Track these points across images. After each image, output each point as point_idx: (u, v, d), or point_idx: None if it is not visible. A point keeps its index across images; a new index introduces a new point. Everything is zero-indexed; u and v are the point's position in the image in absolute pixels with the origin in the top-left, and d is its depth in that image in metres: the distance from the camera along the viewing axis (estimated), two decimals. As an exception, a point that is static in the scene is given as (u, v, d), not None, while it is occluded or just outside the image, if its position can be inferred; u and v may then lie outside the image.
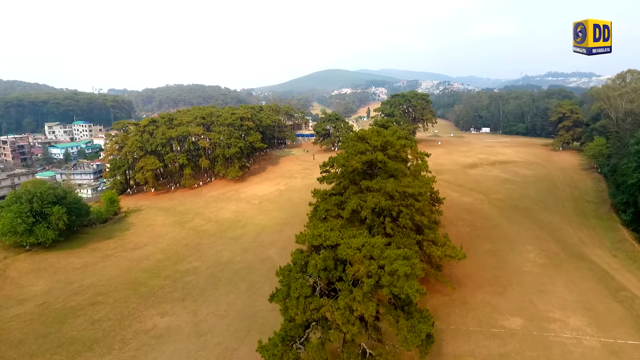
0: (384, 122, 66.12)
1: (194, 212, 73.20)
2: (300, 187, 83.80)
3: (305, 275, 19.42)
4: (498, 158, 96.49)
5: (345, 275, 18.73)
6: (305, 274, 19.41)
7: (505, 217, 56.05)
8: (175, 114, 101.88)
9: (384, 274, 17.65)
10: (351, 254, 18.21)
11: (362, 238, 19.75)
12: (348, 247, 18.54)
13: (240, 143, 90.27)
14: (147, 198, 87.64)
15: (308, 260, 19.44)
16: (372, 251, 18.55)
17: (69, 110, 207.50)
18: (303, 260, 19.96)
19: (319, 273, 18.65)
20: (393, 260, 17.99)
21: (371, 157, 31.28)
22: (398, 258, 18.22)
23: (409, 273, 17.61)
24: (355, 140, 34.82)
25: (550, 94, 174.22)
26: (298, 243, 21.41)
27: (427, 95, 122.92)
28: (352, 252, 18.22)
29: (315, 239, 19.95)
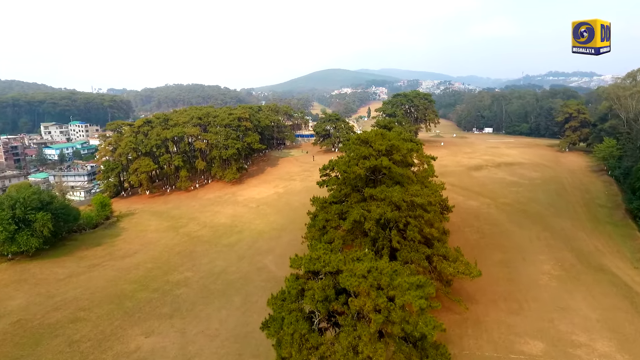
0: (386, 123, 63.23)
1: (189, 216, 70.43)
2: (300, 190, 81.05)
3: (302, 303, 16.68)
4: (503, 159, 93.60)
5: (349, 308, 15.99)
6: (302, 302, 16.67)
7: (515, 223, 53.19)
8: (171, 114, 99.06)
9: (395, 307, 14.94)
10: (355, 284, 15.47)
11: (368, 262, 16.99)
12: (352, 275, 15.79)
13: (238, 144, 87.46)
14: (142, 201, 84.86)
15: (304, 287, 16.68)
16: (380, 279, 15.82)
17: (65, 110, 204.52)
18: (299, 288, 17.18)
19: (318, 305, 15.93)
20: (405, 291, 15.26)
21: (375, 162, 28.51)
22: (411, 287, 15.49)
23: (425, 307, 14.87)
24: (358, 144, 32.03)
25: (554, 94, 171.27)
26: (293, 268, 18.58)
27: (430, 95, 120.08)
28: (357, 281, 15.48)
29: (312, 263, 17.19)
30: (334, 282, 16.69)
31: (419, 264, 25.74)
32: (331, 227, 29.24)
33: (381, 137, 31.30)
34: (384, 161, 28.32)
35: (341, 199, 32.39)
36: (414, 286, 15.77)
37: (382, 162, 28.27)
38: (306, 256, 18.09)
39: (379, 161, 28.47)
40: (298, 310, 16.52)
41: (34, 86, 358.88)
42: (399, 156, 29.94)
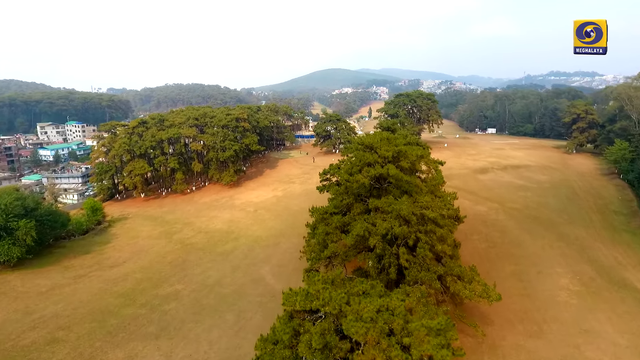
0: (389, 125, 60.38)
1: (184, 221, 67.67)
2: (299, 194, 78.30)
3: (296, 350, 13.91)
4: (509, 162, 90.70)
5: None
6: (296, 349, 13.91)
7: (526, 231, 50.33)
8: (167, 115, 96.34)
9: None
10: (362, 331, 12.73)
11: (376, 299, 14.23)
12: (357, 319, 13.05)
13: (235, 146, 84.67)
14: (136, 205, 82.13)
15: (299, 331, 13.93)
16: (392, 321, 13.11)
17: (62, 110, 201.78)
18: (292, 333, 14.38)
19: (315, 354, 13.18)
20: (423, 337, 12.53)
21: (381, 171, 25.72)
22: (430, 333, 12.77)
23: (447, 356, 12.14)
24: (362, 149, 29.21)
25: (558, 94, 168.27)
26: (286, 306, 15.72)
27: (433, 95, 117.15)
28: (364, 328, 12.73)
29: (309, 300, 14.39)
30: (336, 324, 13.97)
31: (430, 284, 22.94)
32: (332, 241, 26.43)
33: (387, 142, 28.51)
34: (390, 169, 25.52)
35: (343, 210, 29.56)
36: (434, 331, 13.01)
37: (389, 170, 25.47)
38: (302, 291, 15.28)
39: (385, 169, 25.69)
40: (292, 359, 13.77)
41: (33, 85, 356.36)
42: (406, 163, 27.13)
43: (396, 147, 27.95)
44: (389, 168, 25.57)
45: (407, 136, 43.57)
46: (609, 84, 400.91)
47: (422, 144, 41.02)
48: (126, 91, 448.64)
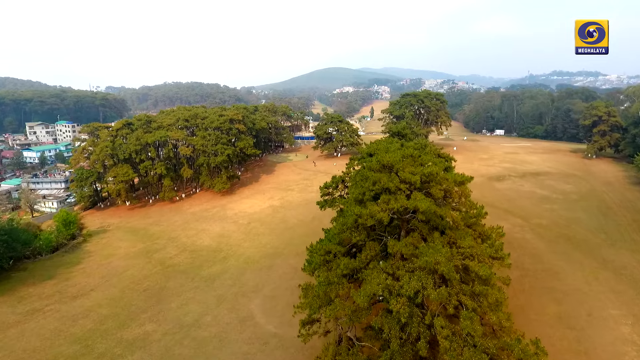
0: (399, 129, 53.08)
1: (169, 235, 60.57)
2: (298, 203, 71.18)
3: None
4: (526, 168, 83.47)
5: None
6: None
7: (560, 255, 43.12)
8: (155, 116, 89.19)
9: None
10: None
11: None
12: None
13: (229, 150, 77.46)
14: (119, 214, 75.04)
15: None
16: None
17: (54, 109, 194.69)
18: None
19: None
20: None
21: (406, 203, 18.59)
22: None
23: None
24: (377, 169, 22.02)
25: (570, 94, 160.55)
26: None
27: (442, 94, 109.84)
28: None
29: None
30: None
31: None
32: (336, 294, 19.35)
33: (411, 161, 21.39)
34: (420, 202, 18.35)
35: (352, 249, 22.40)
36: None
37: (418, 203, 18.33)
38: None
39: (412, 201, 18.57)
40: None
41: (28, 83, 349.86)
42: (439, 192, 19.95)
43: (423, 167, 20.83)
44: (418, 200, 18.44)
45: (425, 145, 36.28)
46: (613, 84, 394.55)
47: (445, 155, 33.77)
48: (124, 89, 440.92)
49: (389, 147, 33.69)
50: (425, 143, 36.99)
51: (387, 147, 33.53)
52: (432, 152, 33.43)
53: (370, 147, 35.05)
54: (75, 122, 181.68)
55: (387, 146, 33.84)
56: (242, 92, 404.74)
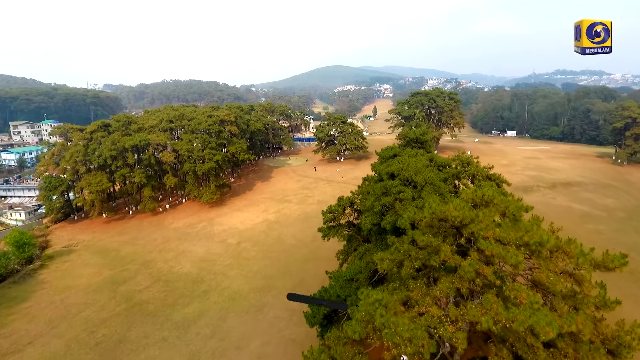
0: (418, 135, 43.78)
1: (143, 258, 51.35)
2: (296, 218, 62.00)
3: None
4: (554, 176, 74.12)
5: None
6: None
7: (628, 297, 33.67)
8: (136, 117, 79.89)
9: None
10: None
11: None
12: None
13: (218, 156, 68.08)
14: (93, 228, 65.90)
15: None
16: None
17: (41, 107, 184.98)
18: None
19: None
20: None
21: (505, 315, 9.33)
22: None
23: None
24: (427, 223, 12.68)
25: (588, 93, 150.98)
26: None
27: (456, 93, 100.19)
28: None
29: None
30: None
31: None
32: None
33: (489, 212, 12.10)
34: (540, 318, 9.08)
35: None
36: None
37: (536, 319, 9.00)
38: None
39: (518, 314, 9.18)
40: None
41: (22, 81, 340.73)
42: (556, 280, 10.68)
43: (516, 222, 11.67)
44: (531, 311, 9.05)
45: (467, 163, 26.91)
46: (618, 83, 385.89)
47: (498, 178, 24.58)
48: (121, 87, 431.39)
49: (418, 166, 24.37)
50: (469, 160, 27.62)
51: (415, 167, 24.18)
52: (481, 174, 24.16)
53: (392, 165, 25.61)
54: (63, 121, 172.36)
55: (415, 166, 24.44)
56: (242, 90, 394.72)
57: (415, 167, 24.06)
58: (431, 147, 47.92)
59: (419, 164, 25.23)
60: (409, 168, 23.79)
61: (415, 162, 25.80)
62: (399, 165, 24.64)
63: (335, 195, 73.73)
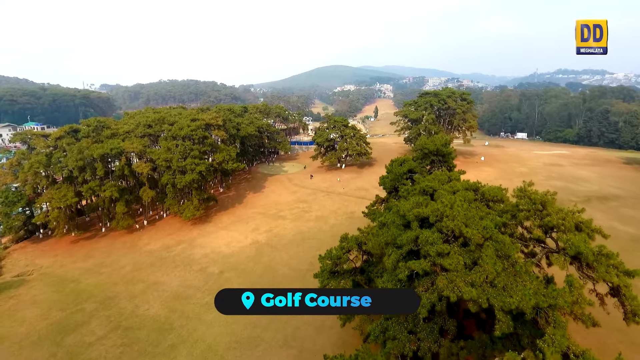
0: (439, 146, 35.06)
1: (105, 294, 42.58)
2: (290, 239, 53.30)
3: None
4: (585, 188, 65.39)
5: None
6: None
7: None
8: (111, 121, 70.88)
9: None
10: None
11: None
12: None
13: (201, 166, 59.26)
14: (57, 249, 57.15)
15: None
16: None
17: (27, 108, 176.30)
18: None
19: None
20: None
21: None
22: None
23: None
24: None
25: (604, 93, 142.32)
26: None
27: (469, 94, 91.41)
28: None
29: None
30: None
31: None
32: None
33: None
34: None
35: None
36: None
37: None
38: None
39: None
40: None
41: (13, 80, 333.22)
42: None
43: None
44: None
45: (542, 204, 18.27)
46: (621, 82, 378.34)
47: (589, 226, 15.86)
48: (117, 87, 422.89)
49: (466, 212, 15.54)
50: (543, 200, 18.68)
51: (464, 212, 15.33)
52: (568, 222, 15.33)
53: (425, 207, 16.68)
54: (50, 123, 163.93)
55: (462, 209, 15.60)
56: (240, 90, 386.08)
57: (463, 212, 15.18)
58: (453, 159, 39.17)
59: (465, 204, 16.33)
60: (455, 214, 14.94)
61: (459, 200, 16.89)
62: (438, 208, 15.73)
63: (336, 210, 65.33)
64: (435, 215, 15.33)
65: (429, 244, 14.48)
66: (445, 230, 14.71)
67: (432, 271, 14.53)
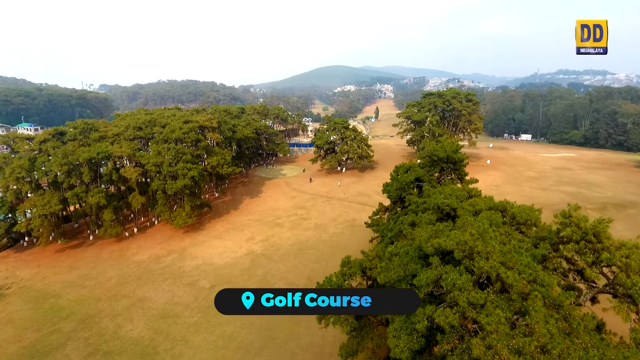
0: (449, 153, 31.87)
1: (86, 311, 39.35)
2: (287, 250, 50.03)
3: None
4: (598, 193, 62.11)
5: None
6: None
7: None
8: (100, 123, 67.67)
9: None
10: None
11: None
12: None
13: (194, 171, 55.93)
14: (40, 259, 53.92)
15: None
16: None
17: (21, 109, 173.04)
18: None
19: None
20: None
21: None
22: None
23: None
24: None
25: (611, 93, 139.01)
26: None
27: (475, 94, 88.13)
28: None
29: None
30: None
31: None
32: None
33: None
34: None
35: None
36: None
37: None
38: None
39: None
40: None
41: (11, 80, 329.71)
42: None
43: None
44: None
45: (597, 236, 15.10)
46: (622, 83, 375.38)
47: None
48: (116, 87, 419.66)
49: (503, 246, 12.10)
50: (596, 231, 15.45)
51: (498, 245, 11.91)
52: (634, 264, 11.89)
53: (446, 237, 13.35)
54: (45, 124, 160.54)
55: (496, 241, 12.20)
56: (239, 90, 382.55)
57: (498, 247, 11.82)
58: (465, 166, 35.92)
59: (497, 233, 12.99)
60: (490, 250, 11.62)
61: (488, 227, 13.54)
62: (465, 241, 12.38)
63: (336, 217, 61.86)
64: (463, 250, 12.12)
65: (457, 289, 11.26)
66: (478, 272, 11.49)
67: (461, 324, 11.31)
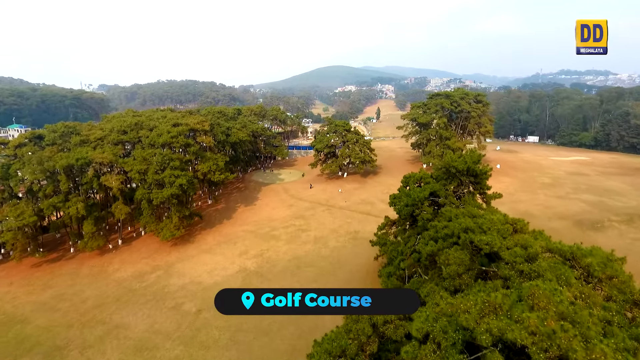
0: (470, 165, 27.36)
1: (52, 342, 34.71)
2: (284, 266, 45.35)
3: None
4: (621, 202, 57.33)
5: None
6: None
7: None
8: (83, 126, 62.99)
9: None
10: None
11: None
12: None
13: (182, 178, 51.24)
14: (13, 276, 49.29)
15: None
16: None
17: (13, 109, 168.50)
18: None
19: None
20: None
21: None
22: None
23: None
24: None
25: (622, 94, 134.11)
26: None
27: (485, 95, 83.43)
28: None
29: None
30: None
31: None
32: None
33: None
34: None
35: None
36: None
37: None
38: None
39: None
40: None
41: (7, 80, 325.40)
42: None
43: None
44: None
45: None
46: (625, 83, 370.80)
47: None
48: (115, 87, 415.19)
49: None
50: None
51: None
52: None
53: (509, 325, 8.45)
54: (38, 125, 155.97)
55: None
56: (239, 90, 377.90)
57: (598, 344, 6.96)
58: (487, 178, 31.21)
59: (586, 311, 8.13)
60: (598, 356, 6.73)
61: (573, 298, 8.76)
62: (548, 333, 7.53)
63: (337, 229, 56.83)
64: (545, 350, 7.40)
65: None
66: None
67: None
